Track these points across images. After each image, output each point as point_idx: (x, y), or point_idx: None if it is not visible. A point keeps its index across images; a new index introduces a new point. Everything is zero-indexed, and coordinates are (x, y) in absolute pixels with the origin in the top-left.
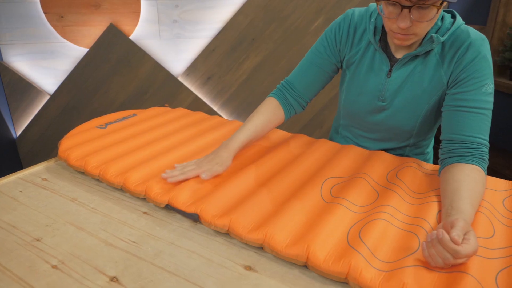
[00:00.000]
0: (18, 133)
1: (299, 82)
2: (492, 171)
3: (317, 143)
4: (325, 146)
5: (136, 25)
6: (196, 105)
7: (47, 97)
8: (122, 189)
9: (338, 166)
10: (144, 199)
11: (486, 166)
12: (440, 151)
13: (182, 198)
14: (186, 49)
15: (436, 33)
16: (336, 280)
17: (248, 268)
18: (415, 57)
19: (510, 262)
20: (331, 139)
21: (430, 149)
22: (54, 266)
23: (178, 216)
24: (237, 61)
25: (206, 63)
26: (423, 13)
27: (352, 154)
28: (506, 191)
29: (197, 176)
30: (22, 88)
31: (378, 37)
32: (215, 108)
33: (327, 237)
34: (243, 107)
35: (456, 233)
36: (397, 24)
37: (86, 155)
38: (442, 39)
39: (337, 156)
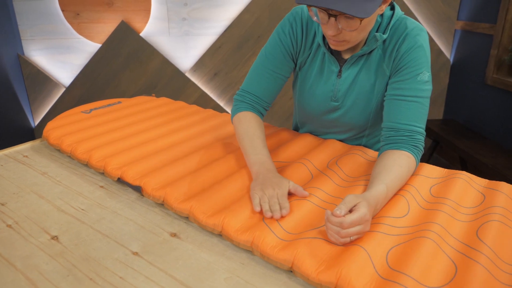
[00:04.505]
0: (36, 123)
1: (261, 90)
2: (492, 171)
3: (276, 131)
4: (282, 134)
5: (146, 22)
6: (203, 100)
7: (63, 89)
8: (87, 165)
9: (286, 152)
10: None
11: (419, 152)
12: (380, 139)
13: (132, 173)
14: (194, 46)
15: (377, 29)
16: (244, 248)
17: (174, 235)
18: (361, 55)
19: (405, 239)
20: None
21: None
22: (8, 225)
23: (130, 190)
24: (243, 58)
25: (213, 59)
26: (350, 23)
27: (304, 142)
28: (437, 179)
29: (146, 156)
30: (41, 81)
31: (326, 40)
32: (221, 104)
33: (244, 211)
34: None
35: (338, 207)
36: (326, 31)
37: (63, 135)
38: (384, 36)
39: (289, 143)
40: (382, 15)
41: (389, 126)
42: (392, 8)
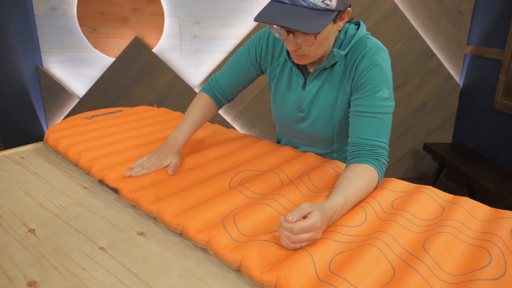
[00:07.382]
0: None
1: (225, 83)
2: (495, 197)
3: (259, 143)
4: (264, 145)
5: (159, 39)
6: None
7: (77, 100)
8: (77, 165)
9: (264, 161)
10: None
11: (381, 165)
12: (347, 153)
13: (112, 175)
14: (204, 63)
15: (340, 46)
16: (201, 246)
17: (141, 233)
18: (324, 69)
19: (353, 247)
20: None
21: None
22: None
23: (110, 191)
24: None
25: None
26: (306, 38)
27: (283, 153)
28: (401, 192)
29: (128, 160)
30: (56, 91)
31: None
32: (228, 119)
33: (205, 213)
34: (255, 120)
35: (292, 213)
36: (287, 46)
37: (61, 137)
38: (342, 53)
39: (269, 154)
40: (346, 33)
41: (353, 141)
42: (359, 27)
